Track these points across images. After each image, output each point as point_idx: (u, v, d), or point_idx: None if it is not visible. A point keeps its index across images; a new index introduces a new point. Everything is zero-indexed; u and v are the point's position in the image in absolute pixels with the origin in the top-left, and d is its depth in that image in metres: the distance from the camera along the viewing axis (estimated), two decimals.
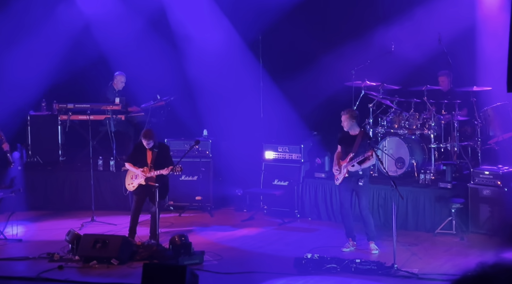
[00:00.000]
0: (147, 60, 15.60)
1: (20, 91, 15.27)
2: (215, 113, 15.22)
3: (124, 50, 15.63)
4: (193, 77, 15.46)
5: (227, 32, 15.42)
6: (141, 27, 15.80)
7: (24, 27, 15.45)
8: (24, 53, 15.39)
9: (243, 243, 12.31)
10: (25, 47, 15.39)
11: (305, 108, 15.00)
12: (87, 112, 14.30)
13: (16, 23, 15.42)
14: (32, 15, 15.41)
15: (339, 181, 11.56)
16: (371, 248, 11.46)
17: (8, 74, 15.36)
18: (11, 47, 15.37)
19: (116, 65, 15.52)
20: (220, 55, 15.42)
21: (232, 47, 15.42)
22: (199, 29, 15.54)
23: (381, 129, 13.59)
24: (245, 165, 14.41)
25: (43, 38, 15.41)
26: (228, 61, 15.38)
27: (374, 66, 13.91)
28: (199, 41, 15.52)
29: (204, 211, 14.15)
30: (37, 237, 12.51)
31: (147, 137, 11.85)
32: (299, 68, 15.24)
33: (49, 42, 15.44)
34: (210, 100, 15.39)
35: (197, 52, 15.51)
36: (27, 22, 15.44)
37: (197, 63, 15.51)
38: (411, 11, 14.38)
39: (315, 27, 15.24)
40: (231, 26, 15.42)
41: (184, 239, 11.07)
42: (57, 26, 15.40)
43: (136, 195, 12.01)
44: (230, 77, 15.39)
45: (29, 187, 14.09)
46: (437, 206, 12.48)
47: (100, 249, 10.94)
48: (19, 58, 15.38)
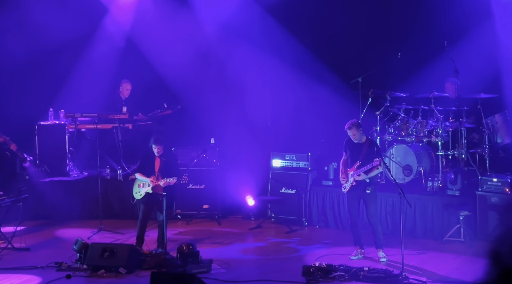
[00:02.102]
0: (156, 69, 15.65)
1: (27, 100, 15.31)
2: (223, 121, 15.21)
3: (132, 58, 15.69)
4: (199, 86, 15.46)
5: (237, 41, 15.44)
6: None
7: (25, 34, 15.48)
8: (30, 61, 15.42)
9: (251, 251, 12.31)
10: (31, 55, 15.41)
11: (312, 115, 14.99)
12: (94, 122, 14.32)
13: (17, 29, 15.44)
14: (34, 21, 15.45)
15: (347, 189, 11.54)
16: (379, 255, 11.43)
17: (16, 83, 15.40)
18: (18, 55, 15.40)
19: (123, 74, 15.55)
20: (226, 64, 15.43)
21: (239, 56, 15.42)
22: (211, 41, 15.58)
23: (388, 136, 13.57)
24: (253, 173, 14.41)
25: (50, 45, 15.45)
26: (235, 70, 15.39)
27: (380, 73, 13.91)
28: (207, 51, 15.53)
29: (211, 219, 14.15)
30: (45, 246, 12.51)
31: (158, 144, 11.86)
32: (304, 76, 15.23)
33: (56, 49, 15.47)
34: (217, 108, 15.39)
35: (204, 61, 15.52)
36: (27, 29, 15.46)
37: (203, 72, 15.52)
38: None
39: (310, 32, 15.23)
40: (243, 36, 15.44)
41: (192, 247, 11.07)
42: (59, 34, 15.43)
43: (144, 204, 12.01)
44: (237, 86, 15.38)
45: (37, 196, 14.11)
46: (445, 213, 12.45)
47: (108, 258, 10.94)
48: (25, 68, 15.42)
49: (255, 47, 15.29)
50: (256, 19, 15.26)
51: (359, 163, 11.33)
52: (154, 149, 11.88)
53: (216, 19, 15.44)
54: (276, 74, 15.40)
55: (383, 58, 14.16)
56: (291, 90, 15.26)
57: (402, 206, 10.97)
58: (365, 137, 11.56)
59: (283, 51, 15.14)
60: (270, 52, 15.28)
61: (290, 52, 15.08)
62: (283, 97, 15.38)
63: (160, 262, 11.09)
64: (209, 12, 15.49)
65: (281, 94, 15.41)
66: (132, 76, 15.59)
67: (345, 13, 14.95)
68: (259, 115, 15.49)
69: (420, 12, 14.44)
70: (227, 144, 14.90)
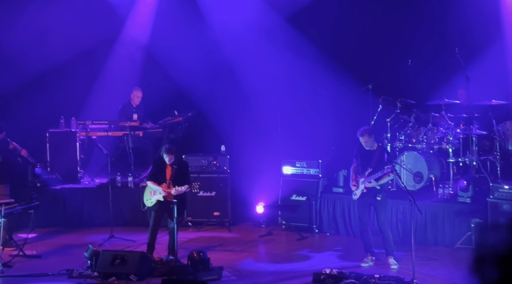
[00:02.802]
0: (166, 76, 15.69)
1: (38, 108, 15.37)
2: (233, 129, 15.22)
3: (144, 65, 15.76)
4: (210, 93, 15.49)
5: (249, 48, 15.46)
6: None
7: (39, 43, 15.56)
8: (42, 69, 15.49)
9: (261, 258, 12.31)
10: (43, 63, 15.48)
11: (323, 122, 14.99)
12: (105, 129, 14.35)
13: (32, 39, 15.51)
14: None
15: (357, 196, 11.53)
16: (390, 263, 11.41)
17: (28, 91, 15.46)
18: (30, 63, 15.47)
19: (134, 82, 15.61)
20: (237, 71, 15.46)
21: (250, 63, 15.44)
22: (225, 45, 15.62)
23: (399, 143, 13.56)
24: (263, 180, 14.41)
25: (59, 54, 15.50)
26: (246, 78, 15.41)
27: (390, 80, 13.90)
28: (218, 59, 15.56)
29: (222, 226, 14.15)
30: (56, 254, 12.54)
31: (170, 153, 11.87)
32: (315, 83, 15.23)
33: (68, 58, 15.53)
34: (228, 116, 15.41)
35: (215, 68, 15.55)
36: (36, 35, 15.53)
37: (214, 79, 15.55)
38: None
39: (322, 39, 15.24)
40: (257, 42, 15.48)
41: (203, 254, 11.06)
42: (73, 44, 15.49)
43: (155, 211, 12.01)
44: (248, 93, 15.40)
45: (48, 204, 14.16)
46: (456, 220, 12.41)
47: (118, 265, 10.95)
48: (37, 76, 15.49)
49: (267, 55, 15.31)
50: (269, 26, 15.29)
51: (370, 170, 11.32)
52: (166, 158, 11.89)
53: (228, 26, 15.45)
54: (286, 82, 15.41)
55: (394, 65, 14.15)
56: (301, 97, 15.26)
57: (413, 213, 10.94)
58: (376, 144, 11.55)
59: (293, 59, 15.16)
60: (280, 60, 15.29)
61: (300, 60, 15.09)
62: (293, 104, 15.38)
63: (171, 269, 11.10)
64: (221, 18, 15.52)
65: (292, 101, 15.41)
66: (143, 84, 15.63)
67: (356, 20, 14.96)
68: (269, 122, 15.50)
69: (431, 19, 14.44)
70: (238, 151, 14.91)
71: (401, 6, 14.66)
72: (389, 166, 11.12)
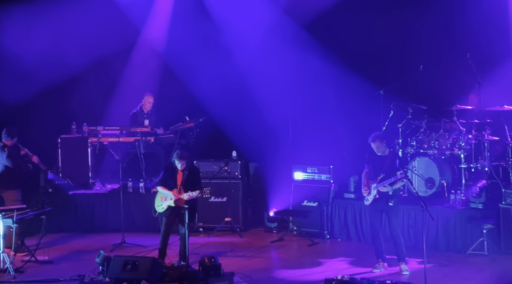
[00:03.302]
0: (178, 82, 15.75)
1: (50, 114, 15.43)
2: (244, 134, 15.23)
3: (155, 72, 15.81)
4: (221, 99, 15.50)
5: (260, 53, 15.50)
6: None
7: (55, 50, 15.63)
8: (53, 76, 15.55)
9: (272, 264, 12.30)
10: (55, 69, 15.54)
11: (334, 128, 15.00)
12: (116, 135, 14.38)
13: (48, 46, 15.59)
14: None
15: (369, 201, 11.51)
16: (401, 269, 11.37)
17: (40, 96, 15.51)
18: (43, 69, 15.54)
19: (146, 88, 15.65)
20: (249, 77, 15.48)
21: (261, 68, 15.46)
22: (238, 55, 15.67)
23: (410, 149, 13.54)
24: (274, 186, 14.41)
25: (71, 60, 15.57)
26: (257, 83, 15.43)
27: (402, 86, 13.90)
28: (229, 64, 15.60)
29: (233, 232, 14.15)
30: (67, 259, 12.56)
31: (181, 159, 11.88)
32: (326, 88, 15.23)
33: (79, 65, 15.59)
34: (240, 121, 15.42)
35: (226, 74, 15.58)
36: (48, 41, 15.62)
37: (225, 85, 15.57)
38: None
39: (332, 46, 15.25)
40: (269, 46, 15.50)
41: (214, 260, 11.06)
42: (85, 50, 15.55)
43: (166, 217, 12.02)
44: (259, 99, 15.41)
45: (60, 209, 14.20)
46: (468, 226, 12.37)
47: (130, 271, 10.94)
48: (50, 82, 15.55)
49: (278, 61, 15.32)
50: (280, 33, 15.32)
51: (382, 176, 11.29)
52: (177, 164, 11.90)
53: (240, 33, 15.49)
54: (298, 87, 15.40)
55: (405, 71, 14.14)
56: (313, 102, 15.26)
57: (424, 218, 10.90)
58: (388, 150, 11.54)
59: (305, 65, 15.17)
60: (292, 66, 15.31)
61: (311, 66, 15.10)
62: (305, 109, 15.38)
63: (182, 275, 11.10)
64: (233, 25, 15.55)
65: (303, 107, 15.41)
66: (155, 90, 15.67)
67: (368, 26, 14.95)
68: (281, 128, 15.50)
69: (443, 25, 14.41)
70: (249, 156, 14.92)
71: (412, 12, 14.63)
72: (401, 172, 11.09)
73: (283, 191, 14.26)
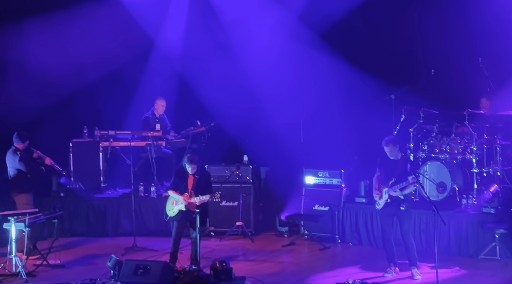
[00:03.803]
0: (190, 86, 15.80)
1: (62, 118, 15.47)
2: (256, 138, 15.24)
3: (166, 76, 15.85)
4: (233, 104, 15.53)
5: (271, 57, 15.51)
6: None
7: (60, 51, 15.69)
8: (64, 80, 15.61)
9: (284, 268, 12.29)
10: (66, 74, 15.60)
11: (345, 132, 14.99)
12: (128, 139, 14.42)
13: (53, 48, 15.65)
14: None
15: (381, 205, 11.49)
16: (413, 273, 11.35)
17: (52, 101, 15.57)
18: (56, 74, 15.60)
19: (157, 92, 15.68)
20: (259, 81, 15.50)
21: (272, 73, 15.47)
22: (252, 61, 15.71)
23: (422, 153, 13.52)
24: (286, 190, 14.41)
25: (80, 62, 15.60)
26: (268, 87, 15.44)
27: (413, 90, 13.88)
28: (241, 69, 15.62)
29: (245, 236, 14.15)
30: (79, 263, 12.60)
31: (192, 163, 11.90)
32: (337, 92, 15.23)
33: (86, 66, 15.63)
34: (250, 126, 15.43)
35: (238, 78, 15.61)
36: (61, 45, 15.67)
37: (236, 89, 15.59)
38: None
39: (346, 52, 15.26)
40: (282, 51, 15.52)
41: (225, 264, 11.07)
42: (95, 54, 15.59)
43: (177, 221, 12.04)
44: (270, 103, 15.43)
45: (72, 213, 14.26)
46: (480, 231, 12.33)
47: (141, 275, 10.96)
48: (61, 86, 15.61)
49: (289, 64, 15.33)
50: (291, 36, 15.33)
51: (394, 180, 11.28)
52: (188, 168, 11.92)
53: (250, 36, 15.52)
54: (309, 91, 15.41)
55: (416, 75, 14.12)
56: (324, 107, 15.25)
57: (436, 223, 10.89)
58: (400, 154, 11.53)
59: (315, 68, 15.17)
60: (303, 70, 15.32)
61: (322, 69, 15.10)
62: (316, 114, 15.38)
63: (194, 279, 11.11)
64: (243, 28, 15.60)
65: (314, 111, 15.41)
66: (166, 94, 15.69)
67: (379, 30, 14.95)
68: (292, 132, 15.51)
69: (454, 29, 14.38)
70: (261, 161, 14.93)
71: (424, 17, 14.63)
72: (413, 176, 11.07)
73: (294, 195, 14.27)
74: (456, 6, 14.38)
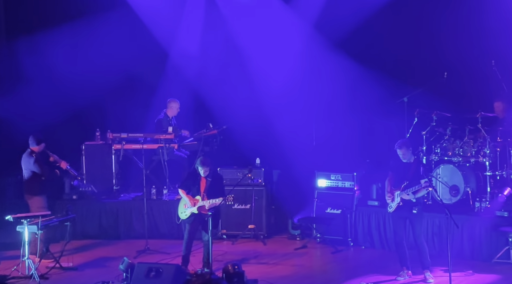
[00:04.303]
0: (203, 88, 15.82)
1: (75, 120, 15.51)
2: (268, 141, 15.24)
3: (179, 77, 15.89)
4: (246, 107, 15.53)
5: (282, 59, 15.51)
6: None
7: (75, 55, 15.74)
8: (78, 83, 15.65)
9: (296, 271, 12.27)
10: (79, 77, 15.64)
11: (357, 135, 14.97)
12: (140, 142, 14.43)
13: (68, 53, 15.70)
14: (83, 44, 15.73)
15: (393, 208, 11.46)
16: (426, 277, 11.31)
17: (65, 103, 15.60)
18: (67, 78, 15.66)
19: (170, 93, 15.70)
20: (272, 84, 15.50)
21: (284, 75, 15.47)
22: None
23: (434, 156, 13.48)
24: (298, 193, 14.39)
25: (95, 67, 15.63)
26: (281, 91, 15.44)
27: (426, 93, 13.85)
28: (253, 71, 15.63)
29: (257, 239, 14.14)
30: (92, 266, 12.62)
31: (204, 165, 11.91)
32: (350, 96, 15.21)
33: (101, 72, 15.66)
34: (263, 128, 15.43)
35: (250, 81, 15.61)
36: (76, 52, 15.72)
37: (248, 93, 15.59)
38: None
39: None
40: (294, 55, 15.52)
41: (237, 267, 11.07)
42: (107, 56, 15.62)
43: (189, 224, 12.04)
44: (282, 107, 15.42)
45: (84, 216, 14.28)
46: (493, 234, 12.27)
47: (153, 278, 10.96)
48: (74, 89, 15.65)
49: (301, 67, 15.33)
50: (303, 39, 15.33)
51: (406, 183, 11.24)
52: (200, 170, 11.92)
53: (262, 37, 15.54)
54: (321, 94, 15.40)
55: (429, 78, 14.08)
56: (336, 110, 15.23)
57: (449, 226, 10.85)
58: (413, 157, 11.49)
59: (328, 72, 15.16)
60: (315, 73, 15.31)
61: (335, 73, 15.09)
62: (328, 117, 15.36)
63: (206, 282, 11.10)
64: (254, 30, 15.61)
65: (327, 114, 15.39)
66: (179, 97, 15.71)
67: (392, 33, 14.92)
68: (304, 135, 15.49)
69: (468, 31, 14.33)
70: (273, 163, 14.92)
71: (438, 19, 14.59)
72: (426, 180, 11.04)
73: (307, 198, 14.25)
74: (469, 8, 14.32)
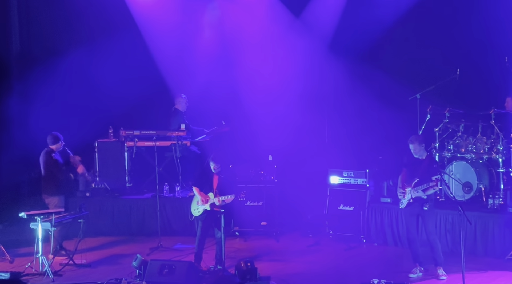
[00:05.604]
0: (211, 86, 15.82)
1: (88, 118, 15.56)
2: (280, 138, 15.24)
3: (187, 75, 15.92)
4: (259, 103, 15.54)
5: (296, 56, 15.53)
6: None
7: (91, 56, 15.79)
8: (92, 81, 15.69)
9: (309, 268, 12.27)
10: (93, 75, 15.68)
11: (370, 132, 14.95)
12: (153, 139, 14.46)
13: (84, 53, 15.76)
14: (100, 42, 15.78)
15: (404, 205, 11.45)
16: (438, 274, 11.30)
17: (77, 101, 15.66)
18: (80, 75, 15.71)
19: (179, 90, 15.73)
20: (284, 81, 15.50)
21: (296, 73, 15.48)
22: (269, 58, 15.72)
23: (447, 153, 13.45)
24: (310, 190, 14.39)
25: (107, 66, 15.67)
26: (293, 88, 15.44)
27: (438, 89, 13.83)
28: (264, 70, 15.65)
29: (269, 236, 14.15)
30: (105, 263, 12.67)
31: (217, 162, 11.93)
32: (362, 92, 15.20)
33: (114, 70, 15.69)
34: (275, 125, 15.43)
35: (261, 78, 15.62)
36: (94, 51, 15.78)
37: (260, 89, 15.60)
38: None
39: None
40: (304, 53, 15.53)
41: (250, 264, 11.09)
42: (120, 54, 15.66)
43: (202, 221, 12.07)
44: (295, 103, 15.42)
45: (97, 213, 14.33)
46: (506, 231, 12.24)
47: (166, 275, 11.02)
48: (87, 86, 15.70)
49: (314, 65, 15.33)
50: (318, 39, 15.35)
51: (417, 180, 11.23)
52: (212, 167, 11.94)
53: (275, 36, 15.57)
54: (334, 92, 15.39)
55: (442, 74, 14.06)
56: (349, 107, 15.24)
57: (462, 223, 10.84)
58: (426, 153, 11.47)
59: (340, 69, 15.15)
60: (327, 69, 15.31)
61: (347, 70, 15.09)
62: (341, 114, 15.36)
63: (219, 279, 11.14)
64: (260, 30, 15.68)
65: (339, 111, 15.39)
66: (188, 92, 15.75)
67: (404, 31, 14.90)
68: (317, 132, 15.49)
69: (481, 28, 14.29)
70: (285, 160, 14.92)
71: (450, 15, 14.56)
72: (436, 178, 11.02)
73: (319, 195, 14.24)
74: (482, 5, 14.28)
